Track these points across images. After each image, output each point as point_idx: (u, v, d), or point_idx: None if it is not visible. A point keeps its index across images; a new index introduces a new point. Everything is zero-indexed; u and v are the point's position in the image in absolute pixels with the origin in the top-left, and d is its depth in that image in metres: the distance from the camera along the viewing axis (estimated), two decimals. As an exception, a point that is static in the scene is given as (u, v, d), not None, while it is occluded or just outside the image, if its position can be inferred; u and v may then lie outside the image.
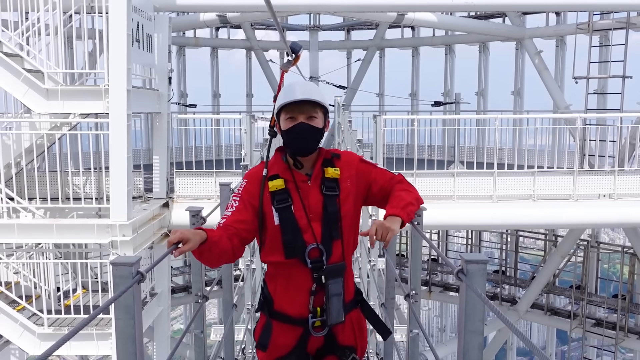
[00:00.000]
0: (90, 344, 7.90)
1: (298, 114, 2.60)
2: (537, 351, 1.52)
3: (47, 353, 1.53)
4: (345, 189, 2.68)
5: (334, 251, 2.61)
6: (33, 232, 7.73)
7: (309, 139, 2.62)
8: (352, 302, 2.74)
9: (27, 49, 7.81)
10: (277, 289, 2.68)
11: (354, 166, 2.74)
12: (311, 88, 2.70)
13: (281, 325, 2.68)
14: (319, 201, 2.63)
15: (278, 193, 2.62)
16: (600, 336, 13.56)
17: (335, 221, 2.62)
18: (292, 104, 2.60)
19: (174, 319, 29.72)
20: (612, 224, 14.93)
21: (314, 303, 2.61)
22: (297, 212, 2.61)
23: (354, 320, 2.77)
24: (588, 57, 12.01)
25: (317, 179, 2.66)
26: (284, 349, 2.68)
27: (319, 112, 2.65)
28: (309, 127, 2.60)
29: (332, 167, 2.69)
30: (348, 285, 2.71)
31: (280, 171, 2.67)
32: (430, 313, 33.43)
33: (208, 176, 9.48)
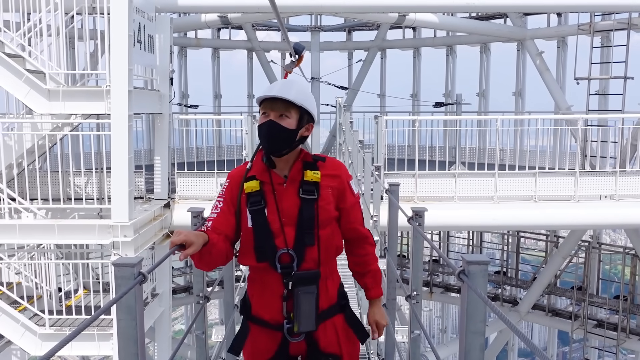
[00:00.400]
0: (92, 345, 7.91)
1: (270, 111, 2.51)
2: (538, 352, 1.52)
3: (49, 353, 1.53)
4: (326, 196, 2.56)
5: (307, 257, 2.51)
6: (34, 233, 7.74)
7: (275, 138, 2.50)
8: (333, 308, 2.65)
9: (29, 49, 7.83)
10: (255, 293, 2.64)
11: (340, 179, 2.62)
12: (292, 87, 2.56)
13: (260, 330, 2.62)
14: (295, 205, 2.53)
15: (252, 195, 2.55)
16: (602, 337, 13.54)
17: (310, 227, 2.52)
18: (267, 101, 2.52)
19: (175, 319, 29.75)
20: (613, 225, 14.93)
21: (287, 308, 2.54)
22: (270, 215, 2.53)
23: (338, 327, 2.67)
24: (589, 57, 12.01)
25: (295, 182, 2.56)
26: (265, 354, 2.62)
27: (293, 112, 2.52)
28: (276, 125, 2.48)
29: (313, 170, 2.57)
30: (327, 291, 2.61)
31: (258, 172, 2.59)
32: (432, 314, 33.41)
33: (209, 177, 9.48)
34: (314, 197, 2.54)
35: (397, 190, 3.63)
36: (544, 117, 12.66)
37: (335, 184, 2.59)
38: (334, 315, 2.65)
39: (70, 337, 1.52)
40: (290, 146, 2.55)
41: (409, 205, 3.95)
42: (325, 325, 2.60)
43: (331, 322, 2.63)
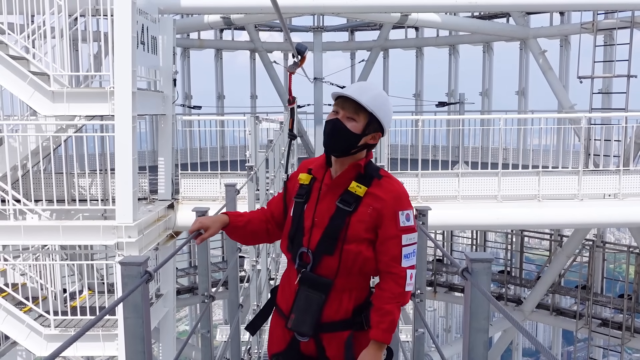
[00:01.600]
0: (97, 345, 7.94)
1: (340, 110, 2.48)
2: (542, 349, 1.53)
3: (56, 352, 1.54)
4: (363, 213, 2.45)
5: (323, 265, 2.46)
6: (39, 234, 7.77)
7: (335, 138, 2.46)
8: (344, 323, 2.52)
9: (33, 51, 7.86)
10: (281, 281, 2.71)
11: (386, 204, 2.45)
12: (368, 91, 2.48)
13: (277, 318, 2.66)
14: (329, 210, 2.49)
15: (302, 187, 2.59)
16: (607, 336, 13.51)
17: (335, 237, 2.45)
18: (342, 99, 2.48)
19: (179, 320, 29.79)
20: (617, 224, 14.89)
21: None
22: (307, 212, 2.55)
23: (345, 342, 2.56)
24: (592, 56, 11.99)
25: (339, 188, 2.50)
26: (279, 345, 2.64)
27: (362, 116, 2.44)
28: (339, 125, 2.45)
29: (366, 184, 2.47)
30: (341, 305, 2.50)
31: (315, 167, 2.61)
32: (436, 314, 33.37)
33: (213, 177, 9.51)
34: (349, 210, 2.46)
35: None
36: (547, 116, 12.65)
37: (379, 207, 2.45)
38: (338, 331, 2.53)
39: (77, 337, 1.54)
40: (350, 150, 2.49)
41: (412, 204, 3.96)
42: (333, 337, 2.52)
43: (340, 335, 2.52)
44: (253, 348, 5.64)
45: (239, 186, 4.07)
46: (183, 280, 15.94)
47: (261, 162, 7.17)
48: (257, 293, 6.00)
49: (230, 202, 3.79)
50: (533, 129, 10.39)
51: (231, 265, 3.83)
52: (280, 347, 2.63)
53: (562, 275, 14.66)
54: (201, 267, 3.14)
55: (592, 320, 13.57)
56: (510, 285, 15.39)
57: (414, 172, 9.44)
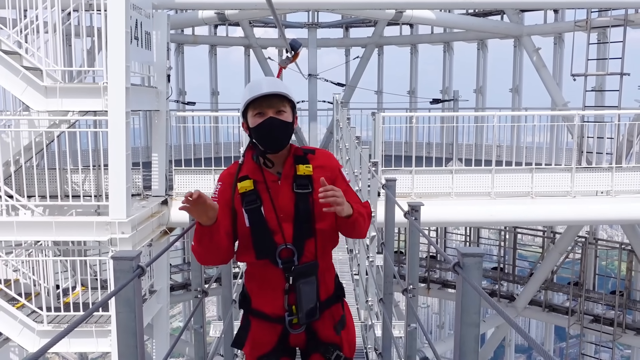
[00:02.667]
0: (90, 341, 7.92)
1: (266, 109, 2.52)
2: (533, 343, 1.54)
3: (44, 348, 1.54)
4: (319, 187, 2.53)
5: (306, 250, 2.57)
6: (32, 230, 7.74)
7: (280, 134, 2.53)
8: (331, 298, 2.71)
9: (26, 46, 7.82)
10: (254, 288, 2.69)
11: (331, 170, 2.66)
12: (277, 82, 2.62)
13: (260, 323, 2.67)
14: (290, 200, 2.57)
15: (247, 194, 2.57)
16: (598, 332, 13.62)
17: (308, 220, 2.56)
18: (260, 99, 2.52)
19: (173, 316, 29.74)
20: (610, 221, 15.00)
21: (288, 301, 2.59)
22: (267, 213, 2.56)
23: (336, 316, 2.73)
24: (586, 54, 12.04)
25: (288, 178, 2.59)
26: (265, 346, 2.67)
27: (287, 106, 2.57)
28: (278, 121, 2.52)
29: (304, 164, 2.62)
30: (325, 282, 2.67)
31: (250, 172, 2.61)
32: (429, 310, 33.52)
33: (207, 173, 9.49)
34: (309, 191, 2.58)
35: (394, 185, 3.65)
36: (540, 114, 12.65)
37: (327, 175, 2.59)
38: (332, 305, 2.70)
39: (66, 332, 1.54)
40: (290, 140, 2.60)
41: (406, 201, 3.97)
42: (324, 316, 2.65)
43: (329, 312, 2.68)
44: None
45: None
46: (177, 277, 15.93)
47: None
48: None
49: (224, 197, 3.78)
50: (526, 126, 10.44)
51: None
52: (266, 348, 2.67)
53: (554, 272, 14.74)
54: (194, 263, 3.14)
55: (584, 317, 13.66)
56: (503, 282, 15.46)
57: (408, 168, 9.46)
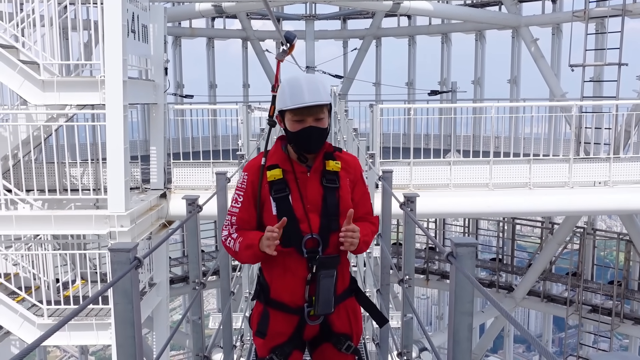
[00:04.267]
0: (90, 334, 7.96)
1: (306, 117, 2.58)
2: (525, 332, 1.56)
3: (42, 338, 1.56)
4: (345, 186, 2.70)
5: (331, 243, 2.62)
6: (31, 224, 7.75)
7: (317, 141, 2.62)
8: (346, 291, 2.77)
9: (23, 40, 7.79)
10: (274, 277, 2.70)
11: (355, 173, 2.77)
12: (317, 87, 2.63)
13: (277, 314, 2.70)
14: (318, 193, 2.64)
15: (276, 183, 2.63)
16: (597, 322, 13.69)
17: (335, 213, 2.63)
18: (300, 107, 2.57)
19: (173, 309, 29.84)
20: (608, 211, 15.04)
21: (309, 292, 2.63)
22: (294, 203, 2.61)
23: (349, 308, 2.79)
24: (584, 44, 12.02)
25: (317, 172, 2.67)
26: (281, 337, 2.70)
27: (325, 110, 2.63)
28: (317, 130, 2.60)
29: (333, 160, 2.70)
30: (343, 276, 2.73)
31: (280, 161, 2.68)
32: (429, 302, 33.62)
33: (205, 166, 9.50)
34: (336, 186, 2.67)
35: (390, 177, 3.66)
36: (538, 104, 12.67)
37: (352, 175, 2.73)
38: (347, 298, 2.78)
39: (64, 321, 1.56)
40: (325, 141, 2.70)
41: (402, 193, 3.99)
42: (339, 308, 2.71)
43: (344, 304, 2.75)
44: (245, 335, 5.69)
45: (230, 174, 4.08)
46: (176, 270, 15.97)
47: (253, 151, 7.19)
48: (249, 281, 6.04)
49: (221, 190, 3.80)
50: (524, 117, 10.41)
51: (222, 253, 3.86)
52: (282, 339, 2.71)
53: (553, 263, 14.80)
54: (192, 255, 3.16)
55: (582, 307, 13.73)
56: (501, 273, 15.52)
57: (406, 160, 9.47)
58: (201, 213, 3.22)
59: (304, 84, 2.62)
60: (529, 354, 36.10)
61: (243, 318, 5.52)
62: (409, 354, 3.05)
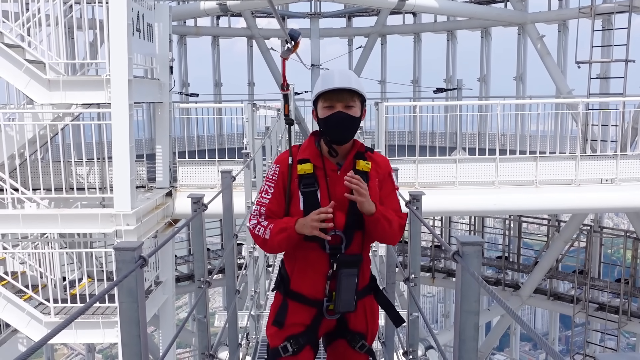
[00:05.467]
0: (97, 332, 7.99)
1: (336, 102, 2.60)
2: (530, 330, 1.55)
3: (48, 336, 1.56)
4: (373, 186, 2.69)
5: (354, 241, 2.64)
6: (38, 222, 7.78)
7: (346, 128, 2.62)
8: (365, 289, 2.77)
9: (28, 39, 7.82)
10: (295, 270, 2.73)
11: (383, 172, 2.76)
12: (350, 76, 2.68)
13: (296, 305, 2.71)
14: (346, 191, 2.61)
15: (305, 177, 2.65)
16: (604, 320, 13.62)
17: (360, 213, 2.62)
18: (331, 92, 2.60)
19: (179, 307, 29.96)
20: (615, 209, 14.95)
21: (329, 287, 2.64)
22: (322, 199, 2.63)
23: (367, 306, 2.79)
24: (590, 41, 11.94)
25: (347, 170, 2.66)
26: (297, 327, 2.71)
27: (357, 100, 2.65)
28: (346, 115, 2.60)
29: (364, 160, 2.71)
30: (364, 273, 2.73)
31: (312, 156, 2.70)
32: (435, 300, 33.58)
33: (211, 165, 9.51)
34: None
35: (396, 174, 3.65)
36: (545, 102, 12.63)
37: (381, 176, 2.73)
38: (365, 296, 2.77)
39: (70, 320, 1.56)
40: (355, 134, 2.69)
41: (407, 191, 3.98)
42: (357, 306, 2.70)
43: (362, 302, 2.74)
44: (251, 334, 5.70)
45: (235, 173, 4.08)
46: (182, 268, 16.01)
47: (258, 149, 7.19)
48: (254, 279, 6.04)
49: (227, 188, 3.80)
50: (531, 115, 10.36)
51: (228, 251, 3.86)
52: (298, 329, 2.71)
53: (559, 260, 14.74)
54: (197, 254, 3.16)
55: (589, 305, 13.67)
56: (508, 271, 15.47)
57: (412, 158, 9.45)
58: (207, 211, 3.22)
59: (337, 72, 2.71)
60: (535, 352, 35.99)
61: (249, 316, 5.53)
62: (415, 352, 3.04)
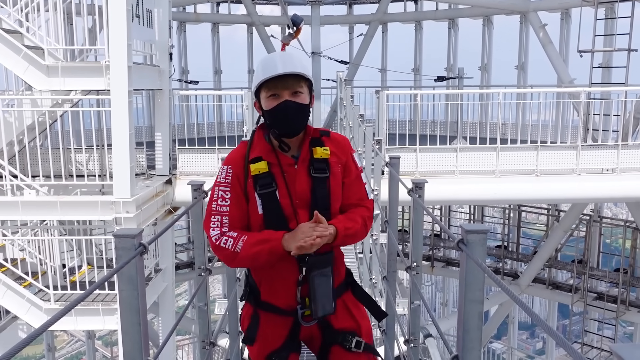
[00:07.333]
0: (97, 319, 8.01)
1: (282, 90, 2.32)
2: (539, 320, 1.53)
3: (48, 323, 1.54)
4: (336, 171, 2.45)
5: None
6: (37, 210, 7.77)
7: (296, 118, 2.34)
8: (342, 286, 2.56)
9: (27, 25, 7.75)
10: (263, 280, 2.50)
11: (345, 154, 2.51)
12: (293, 59, 2.38)
13: (269, 316, 2.50)
14: (307, 185, 2.40)
15: (261, 177, 2.37)
16: (602, 310, 13.67)
17: (325, 206, 2.39)
18: (274, 80, 2.31)
19: (178, 295, 30.06)
20: (615, 199, 14.93)
21: (301, 293, 2.42)
22: (282, 199, 2.37)
23: (348, 302, 2.58)
24: (593, 30, 11.86)
25: (305, 162, 2.42)
26: (276, 341, 2.50)
27: (304, 86, 2.36)
28: (295, 104, 2.33)
29: (320, 146, 2.44)
30: (338, 270, 2.53)
31: (264, 153, 2.41)
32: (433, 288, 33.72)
33: (210, 152, 9.48)
34: (326, 175, 2.43)
35: (398, 163, 3.63)
36: (546, 91, 12.57)
37: (343, 159, 2.49)
38: (343, 293, 2.57)
39: (70, 307, 1.54)
40: (306, 123, 2.42)
41: (410, 179, 3.96)
42: (336, 304, 2.49)
43: (341, 299, 2.55)
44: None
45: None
46: (182, 256, 16.02)
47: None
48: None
49: (227, 176, 3.76)
50: (532, 104, 10.31)
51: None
52: (277, 343, 2.51)
53: (558, 250, 14.77)
54: (197, 241, 3.14)
55: (587, 294, 13.71)
56: (507, 260, 15.50)
57: (412, 147, 9.42)
58: (206, 199, 3.20)
59: (278, 57, 2.43)
60: (532, 340, 36.23)
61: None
62: (416, 341, 3.04)
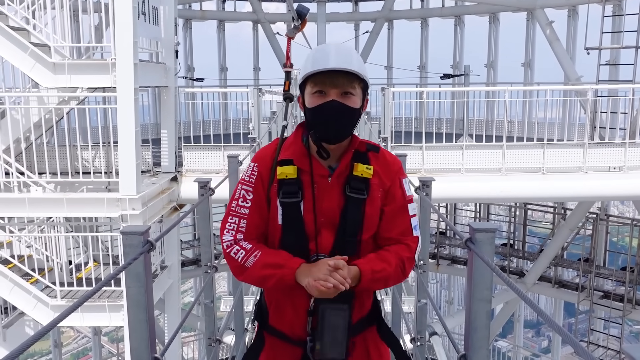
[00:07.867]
0: (103, 316, 8.04)
1: (330, 88, 1.98)
2: (547, 318, 1.52)
3: (57, 320, 1.55)
4: (375, 196, 2.09)
5: None
6: (44, 206, 7.80)
7: (340, 123, 1.99)
8: (364, 321, 2.20)
9: (33, 22, 7.77)
10: (273, 302, 2.20)
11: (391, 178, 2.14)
12: (351, 55, 2.04)
13: (277, 343, 2.20)
14: (337, 204, 2.06)
15: (287, 183, 2.05)
16: (608, 308, 13.62)
17: (354, 233, 2.05)
18: (323, 74, 1.97)
19: (184, 292, 30.14)
20: (622, 197, 14.86)
21: (312, 324, 2.08)
22: (305, 214, 2.05)
23: (370, 341, 2.24)
24: (600, 27, 11.79)
25: (342, 177, 2.07)
26: None
27: (357, 87, 2.02)
28: (341, 106, 1.98)
29: (364, 162, 2.09)
30: (362, 302, 2.17)
31: (296, 156, 2.08)
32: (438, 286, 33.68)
33: (216, 150, 9.49)
34: (363, 197, 2.07)
35: (404, 160, 3.62)
36: (553, 88, 12.48)
37: (387, 182, 2.11)
38: (366, 328, 2.22)
39: (78, 304, 1.54)
40: (353, 130, 2.09)
41: (416, 177, 3.95)
42: (355, 342, 2.16)
43: (361, 337, 2.20)
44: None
45: (241, 157, 4.05)
46: (188, 253, 16.07)
47: (264, 134, 7.15)
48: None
49: (233, 173, 3.78)
50: (538, 101, 10.26)
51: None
52: None
53: (565, 248, 14.70)
54: (204, 238, 3.14)
55: (593, 293, 13.65)
56: (513, 258, 15.45)
57: (418, 144, 9.39)
58: (212, 196, 3.20)
59: (333, 48, 2.05)
60: (538, 339, 36.16)
61: (255, 301, 5.53)
62: (423, 339, 3.03)
